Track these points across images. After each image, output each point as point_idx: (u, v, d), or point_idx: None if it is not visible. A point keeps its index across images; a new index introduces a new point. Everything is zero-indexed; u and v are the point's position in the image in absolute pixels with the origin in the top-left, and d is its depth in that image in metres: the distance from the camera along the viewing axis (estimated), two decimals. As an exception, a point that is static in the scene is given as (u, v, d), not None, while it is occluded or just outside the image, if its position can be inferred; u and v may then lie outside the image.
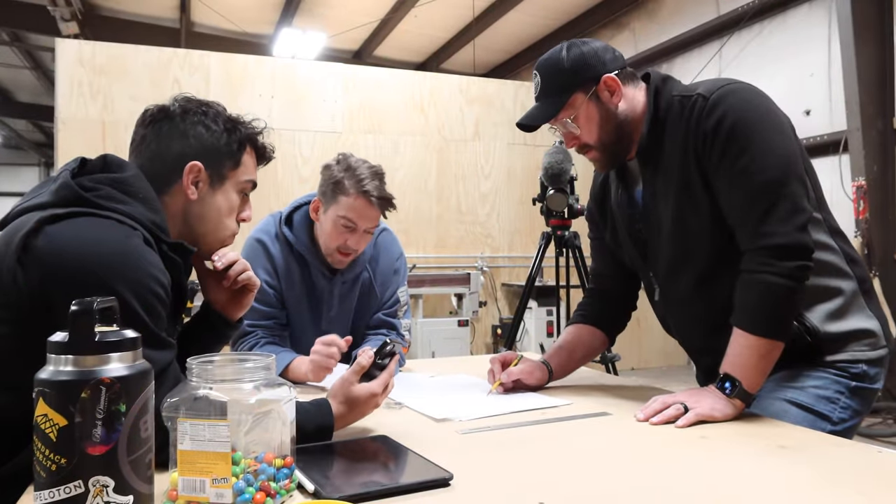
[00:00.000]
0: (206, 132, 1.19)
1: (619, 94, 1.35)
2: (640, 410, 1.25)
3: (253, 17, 8.02)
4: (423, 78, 6.08)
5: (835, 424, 1.28)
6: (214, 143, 1.20)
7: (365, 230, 1.70)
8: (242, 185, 1.25)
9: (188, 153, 1.17)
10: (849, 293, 1.32)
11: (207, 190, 1.19)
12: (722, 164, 1.25)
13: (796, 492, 0.88)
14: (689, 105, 1.29)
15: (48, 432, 0.67)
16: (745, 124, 1.23)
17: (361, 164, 1.69)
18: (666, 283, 1.43)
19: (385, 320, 1.86)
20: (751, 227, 1.23)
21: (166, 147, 1.17)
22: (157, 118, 1.19)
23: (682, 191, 1.31)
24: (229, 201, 1.23)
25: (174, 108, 1.20)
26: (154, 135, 1.18)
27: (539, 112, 1.39)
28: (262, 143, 1.30)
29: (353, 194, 1.66)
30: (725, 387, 1.23)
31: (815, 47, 5.30)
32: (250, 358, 0.87)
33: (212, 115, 1.22)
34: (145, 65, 5.07)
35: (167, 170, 1.16)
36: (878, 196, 4.75)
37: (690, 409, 1.21)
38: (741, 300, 1.25)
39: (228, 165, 1.22)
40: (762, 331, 1.22)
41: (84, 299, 0.70)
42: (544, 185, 3.68)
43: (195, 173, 1.17)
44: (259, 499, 0.80)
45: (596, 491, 0.89)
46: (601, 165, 1.44)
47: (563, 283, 3.91)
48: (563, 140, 1.43)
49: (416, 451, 1.01)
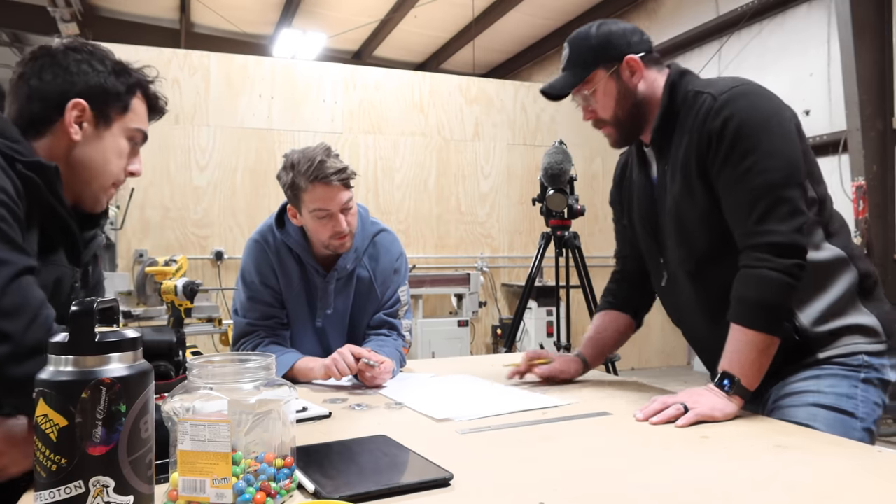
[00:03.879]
0: (91, 71, 1.13)
1: (639, 76, 1.39)
2: (639, 410, 1.25)
3: (253, 18, 8.02)
4: (423, 78, 6.08)
5: (862, 420, 1.28)
6: (101, 83, 1.13)
7: (342, 209, 1.70)
8: (131, 132, 1.18)
9: (70, 91, 1.11)
10: (843, 293, 1.33)
11: (92, 131, 1.13)
12: (726, 165, 1.27)
13: (796, 492, 0.88)
14: (699, 103, 1.33)
15: (48, 432, 0.67)
16: (751, 128, 1.25)
17: (303, 154, 1.69)
18: (672, 266, 1.45)
19: (386, 320, 1.86)
20: (751, 226, 1.25)
21: (47, 84, 1.11)
22: (38, 55, 1.13)
23: (683, 181, 1.35)
24: (117, 146, 1.16)
25: (59, 45, 1.14)
26: (36, 71, 1.12)
27: (561, 82, 1.43)
28: (153, 92, 1.23)
29: (310, 187, 1.66)
30: (724, 384, 1.25)
31: (814, 47, 5.30)
32: (250, 358, 0.87)
33: (99, 56, 1.16)
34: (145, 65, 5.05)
35: (48, 108, 1.10)
36: (877, 196, 4.75)
37: (690, 408, 1.21)
38: (739, 295, 1.26)
39: (116, 108, 1.15)
40: (760, 325, 1.23)
41: (84, 300, 0.70)
42: (544, 186, 3.68)
43: (79, 111, 1.11)
44: (259, 499, 0.80)
45: (596, 491, 0.89)
46: (614, 141, 1.48)
47: (562, 283, 3.91)
48: (582, 112, 1.48)
49: (416, 451, 1.01)
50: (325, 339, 1.84)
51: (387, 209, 5.72)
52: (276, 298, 1.80)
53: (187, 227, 5.21)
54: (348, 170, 1.70)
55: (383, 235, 1.90)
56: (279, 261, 1.80)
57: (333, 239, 1.72)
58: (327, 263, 1.81)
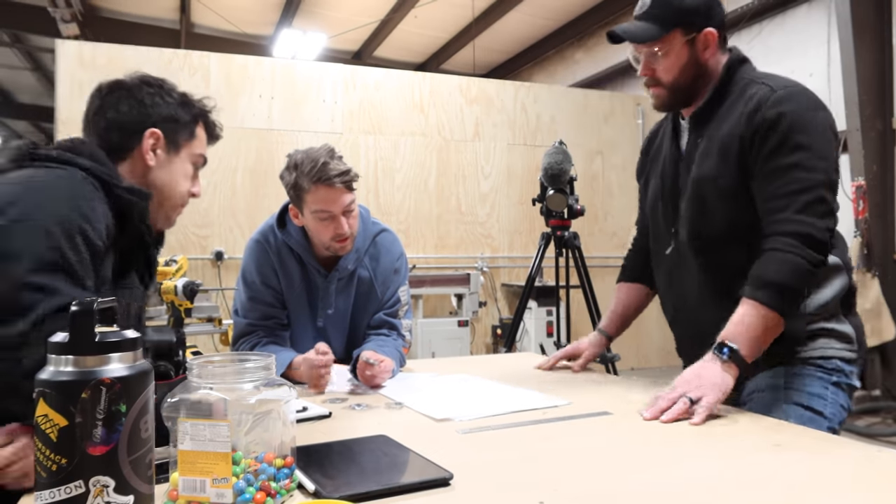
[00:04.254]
0: (162, 102, 1.26)
1: (711, 51, 1.43)
2: (645, 410, 1.25)
3: (253, 18, 8.02)
4: (423, 78, 6.08)
5: (829, 420, 1.34)
6: (171, 114, 1.27)
7: (344, 211, 1.71)
8: (195, 157, 1.32)
9: (146, 121, 1.24)
10: (832, 298, 1.39)
11: (165, 157, 1.26)
12: (775, 154, 1.31)
13: (796, 491, 0.88)
14: (752, 90, 1.36)
15: (48, 432, 0.67)
16: (806, 127, 1.30)
17: (306, 155, 1.69)
18: (681, 236, 1.48)
19: (386, 320, 1.86)
20: (789, 214, 1.29)
21: (124, 115, 1.23)
22: (112, 88, 1.26)
23: (718, 158, 1.38)
24: (185, 169, 1.30)
25: (130, 80, 1.28)
26: (113, 103, 1.24)
27: (639, 31, 1.42)
28: (212, 121, 1.36)
29: (313, 188, 1.67)
30: (723, 351, 1.26)
31: (814, 47, 5.30)
32: (250, 358, 0.87)
33: (167, 89, 1.29)
34: (145, 66, 5.02)
35: (126, 136, 1.22)
36: (877, 196, 4.75)
37: (696, 399, 1.21)
38: (761, 274, 1.28)
39: (184, 136, 1.29)
40: (777, 304, 1.26)
41: (84, 300, 0.70)
42: (544, 186, 3.68)
43: (154, 139, 1.24)
44: (259, 499, 0.80)
45: (596, 491, 0.89)
46: (660, 104, 1.49)
47: (562, 283, 3.91)
48: (640, 67, 1.47)
49: (416, 450, 1.01)
50: (325, 339, 1.83)
51: (387, 209, 5.72)
52: (277, 299, 1.80)
53: (187, 228, 5.21)
54: (351, 172, 1.70)
55: (384, 235, 1.90)
56: (280, 261, 1.80)
57: (334, 241, 1.73)
58: (328, 264, 1.81)
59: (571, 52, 8.25)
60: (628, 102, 6.75)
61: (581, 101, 6.60)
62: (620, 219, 6.50)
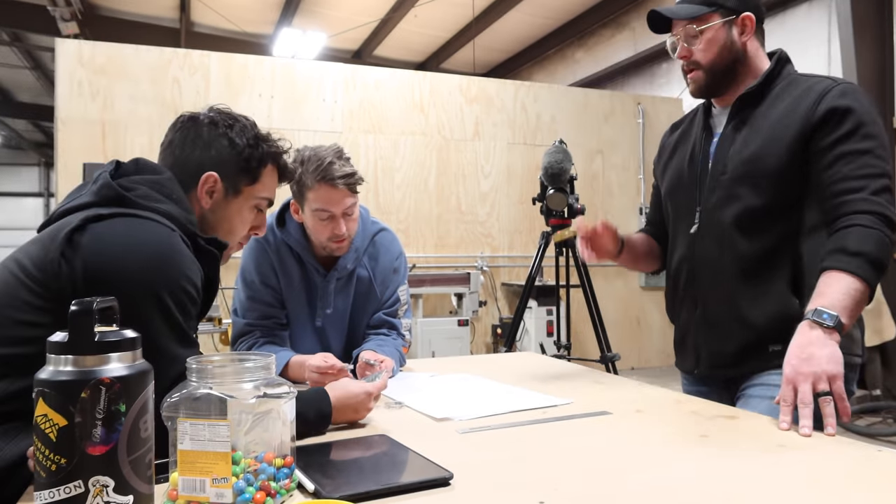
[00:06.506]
0: (228, 145, 1.23)
1: (748, 35, 1.45)
2: (781, 421, 1.17)
3: (253, 17, 8.02)
4: (423, 78, 6.08)
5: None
6: (234, 157, 1.23)
7: (344, 213, 1.70)
8: (258, 201, 1.29)
9: (206, 164, 1.22)
10: None
11: (221, 200, 1.24)
12: (849, 138, 1.34)
13: (796, 491, 0.88)
14: (810, 83, 1.40)
15: (48, 432, 0.67)
16: (874, 120, 1.36)
17: (314, 153, 1.69)
18: (707, 214, 1.48)
19: (385, 319, 1.86)
20: (867, 195, 1.30)
21: (189, 154, 1.22)
22: (185, 125, 1.25)
23: (771, 141, 1.39)
24: (241, 215, 1.27)
25: (203, 117, 1.25)
26: (180, 140, 1.23)
27: (681, 9, 1.45)
28: (284, 163, 1.33)
29: (316, 186, 1.67)
30: (824, 317, 1.20)
31: (814, 47, 5.30)
32: (250, 358, 0.87)
33: (237, 129, 1.25)
34: (145, 65, 5.06)
35: (186, 176, 1.21)
36: (878, 195, 4.74)
37: (823, 387, 1.15)
38: (846, 244, 1.26)
39: (245, 180, 1.25)
40: (867, 273, 1.24)
41: (84, 300, 0.70)
42: (544, 185, 3.68)
43: (210, 184, 1.22)
44: (259, 498, 0.80)
45: (596, 491, 0.89)
46: (698, 88, 1.50)
47: (562, 282, 3.92)
48: (677, 51, 1.49)
49: (416, 450, 1.01)
50: (324, 338, 1.83)
51: (387, 209, 5.72)
52: (276, 298, 1.80)
53: (187, 227, 5.20)
54: (356, 175, 1.70)
55: (383, 235, 1.90)
56: (279, 260, 1.80)
57: (331, 241, 1.73)
58: (328, 263, 1.81)
59: (571, 51, 8.25)
60: (628, 102, 6.75)
61: (581, 101, 6.60)
62: (620, 218, 6.49)
